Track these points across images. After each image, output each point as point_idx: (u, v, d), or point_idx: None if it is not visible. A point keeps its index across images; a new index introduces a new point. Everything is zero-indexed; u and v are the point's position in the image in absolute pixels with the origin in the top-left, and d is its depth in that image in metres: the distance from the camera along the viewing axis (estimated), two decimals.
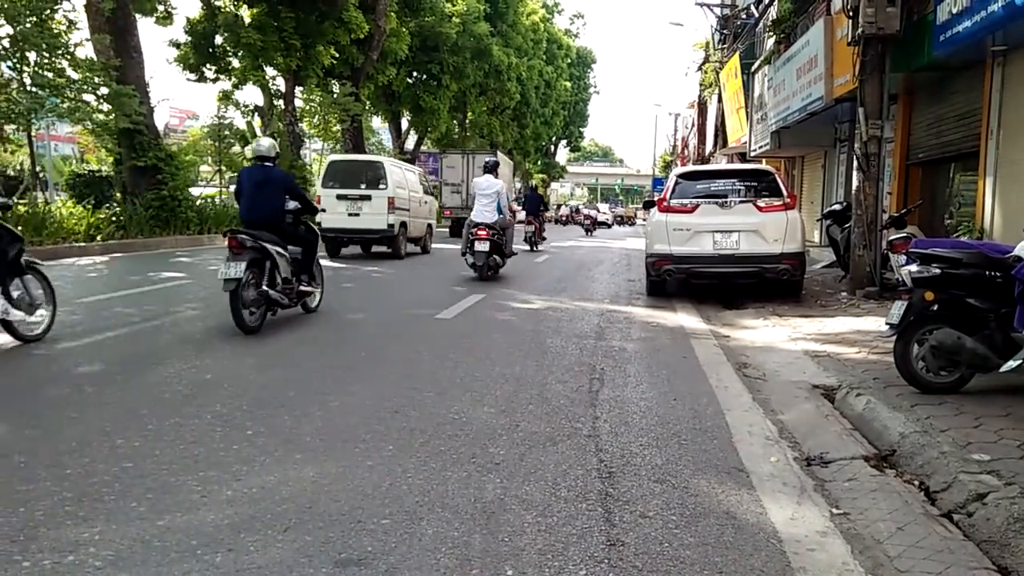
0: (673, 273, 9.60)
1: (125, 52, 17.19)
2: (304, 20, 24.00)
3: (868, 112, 9.45)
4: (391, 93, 35.71)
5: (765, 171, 10.50)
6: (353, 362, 5.77)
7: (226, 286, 6.39)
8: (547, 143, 64.17)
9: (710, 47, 31.17)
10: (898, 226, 9.04)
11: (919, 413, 4.20)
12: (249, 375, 5.23)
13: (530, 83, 46.38)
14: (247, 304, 6.60)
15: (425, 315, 8.10)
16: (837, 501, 3.31)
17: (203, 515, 2.96)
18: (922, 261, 4.64)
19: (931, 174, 11.78)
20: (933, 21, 9.00)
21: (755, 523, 3.05)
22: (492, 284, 11.21)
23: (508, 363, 5.85)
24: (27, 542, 2.70)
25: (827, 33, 12.38)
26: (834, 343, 6.63)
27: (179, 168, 18.75)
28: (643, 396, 4.98)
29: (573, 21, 65.23)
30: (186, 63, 25.42)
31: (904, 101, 12.06)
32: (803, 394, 5.06)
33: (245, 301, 6.55)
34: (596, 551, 2.76)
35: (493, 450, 3.80)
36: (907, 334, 4.67)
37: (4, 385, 4.75)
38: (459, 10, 34.36)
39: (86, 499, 3.07)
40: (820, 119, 15.11)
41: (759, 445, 4.03)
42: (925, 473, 3.46)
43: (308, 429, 4.06)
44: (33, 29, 14.11)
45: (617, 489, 3.35)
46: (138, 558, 2.62)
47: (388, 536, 2.82)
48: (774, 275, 9.17)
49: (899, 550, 2.79)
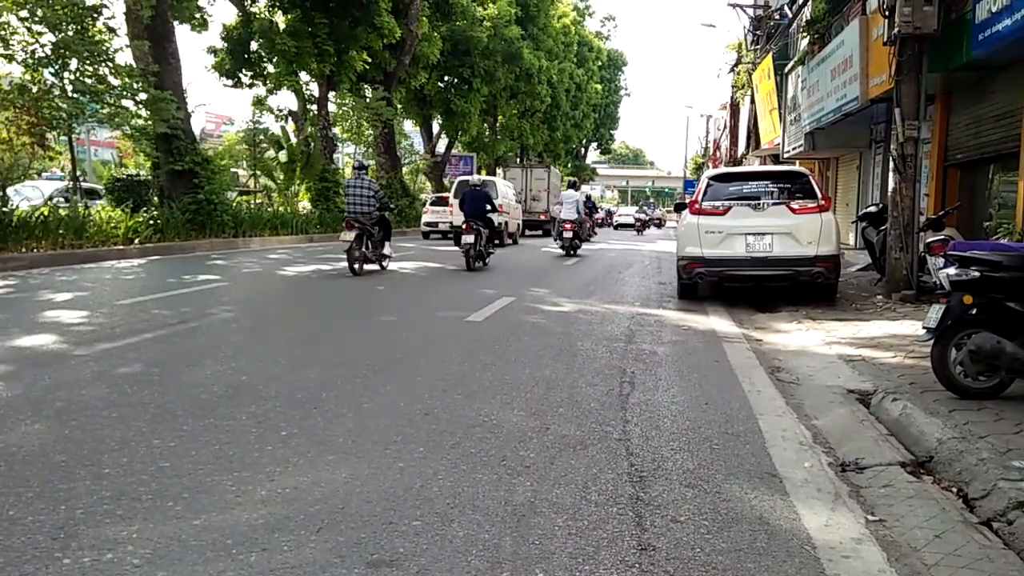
0: (705, 276, 9.52)
1: (163, 58, 17.53)
2: (337, 26, 24.27)
3: (904, 113, 9.30)
4: (423, 97, 35.95)
5: (798, 172, 10.39)
6: (384, 364, 5.82)
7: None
8: (577, 146, 64.09)
9: (743, 48, 30.90)
10: (936, 228, 8.88)
11: (957, 419, 4.12)
12: (283, 376, 5.30)
13: (561, 86, 46.37)
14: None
15: (455, 318, 8.14)
16: (873, 508, 3.27)
17: (238, 515, 3.01)
18: (960, 264, 4.56)
19: (970, 175, 11.56)
20: (972, 20, 8.85)
21: (788, 529, 3.01)
22: (522, 287, 11.22)
23: (538, 366, 5.85)
24: (67, 539, 2.76)
25: (862, 33, 12.22)
26: (869, 347, 6.53)
27: (215, 172, 19.07)
28: (674, 400, 4.96)
29: (604, 23, 65.16)
30: (222, 69, 25.85)
31: (941, 101, 11.86)
32: (838, 399, 4.99)
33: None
34: (627, 555, 2.75)
35: (523, 453, 3.81)
36: (945, 338, 4.58)
37: (45, 386, 4.87)
38: (490, 14, 34.49)
39: (124, 498, 3.13)
40: (855, 120, 14.93)
41: (792, 450, 3.99)
42: (963, 480, 3.40)
43: (340, 430, 4.10)
44: (75, 37, 14.43)
45: (648, 493, 3.33)
46: (175, 556, 2.66)
47: (419, 538, 2.84)
48: (808, 278, 9.06)
49: (936, 558, 2.75)
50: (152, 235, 15.95)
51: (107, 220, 15.55)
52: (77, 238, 14.08)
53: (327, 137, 26.70)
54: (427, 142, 40.72)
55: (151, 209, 17.27)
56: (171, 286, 10.38)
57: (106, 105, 15.76)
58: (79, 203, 15.61)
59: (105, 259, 13.77)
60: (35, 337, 6.46)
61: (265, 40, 24.39)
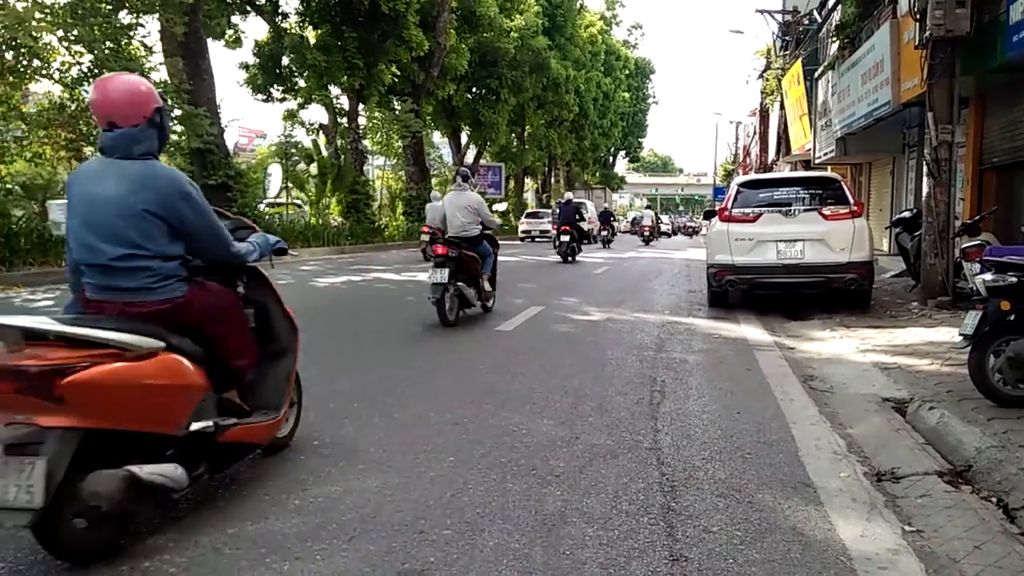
0: (735, 284, 9.44)
1: (197, 75, 17.86)
2: (367, 40, 24.53)
3: (938, 116, 9.16)
4: (451, 108, 36.17)
5: (830, 178, 10.27)
6: (414, 374, 5.85)
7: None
8: (605, 154, 64.01)
9: (771, 54, 30.69)
10: (971, 233, 8.72)
11: (996, 427, 4.04)
12: (314, 386, 5.33)
13: (588, 95, 46.36)
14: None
15: (485, 327, 8.16)
16: (910, 518, 3.21)
17: (271, 524, 3.04)
18: (997, 269, 4.48)
19: (1006, 179, 11.34)
20: (1006, 22, 8.70)
21: (823, 540, 2.97)
22: (552, 296, 11.22)
23: (568, 375, 5.85)
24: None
25: (893, 37, 12.07)
26: (905, 355, 6.43)
27: (248, 185, 19.35)
28: (705, 409, 4.92)
29: (631, 32, 64.97)
30: (254, 84, 26.27)
31: (976, 104, 11.67)
32: (873, 407, 4.91)
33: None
34: (659, 566, 2.73)
35: (553, 462, 3.80)
36: (982, 345, 4.50)
37: None
38: (518, 25, 34.64)
39: (161, 507, 3.18)
40: (887, 125, 14.73)
41: (827, 459, 3.94)
42: (1003, 490, 3.33)
43: (371, 440, 4.13)
44: (111, 55, 14.76)
45: (680, 503, 3.31)
46: (210, 565, 2.70)
47: (450, 547, 2.85)
48: (841, 285, 8.94)
49: (976, 569, 2.69)
50: None
51: None
52: None
53: (357, 150, 26.97)
54: (455, 153, 40.94)
55: None
56: None
57: None
58: None
59: None
60: None
61: (296, 55, 24.76)
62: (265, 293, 3.85)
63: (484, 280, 8.90)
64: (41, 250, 13.04)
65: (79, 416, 2.57)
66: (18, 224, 13.19)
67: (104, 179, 3.01)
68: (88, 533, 2.63)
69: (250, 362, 3.51)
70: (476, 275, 8.66)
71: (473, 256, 8.57)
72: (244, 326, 3.52)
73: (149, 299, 3.03)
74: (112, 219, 2.96)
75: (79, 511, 2.58)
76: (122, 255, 2.96)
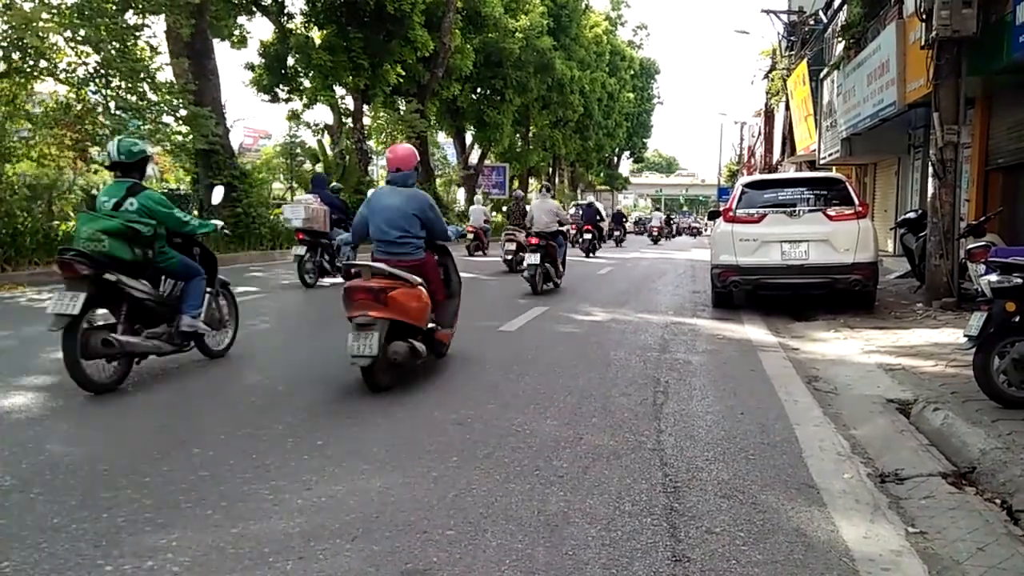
0: (739, 284, 9.43)
1: (203, 75, 17.89)
2: (372, 40, 24.55)
3: (943, 117, 9.14)
4: (455, 108, 36.18)
5: (835, 179, 10.25)
6: (417, 374, 5.85)
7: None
8: (610, 154, 63.93)
9: (777, 54, 30.62)
10: (977, 234, 8.69)
11: (1001, 429, 4.03)
12: (319, 386, 5.36)
13: (593, 95, 46.34)
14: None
15: (488, 327, 8.16)
16: (913, 519, 3.20)
17: (275, 523, 3.05)
18: (1003, 271, 4.47)
19: (1012, 180, 11.29)
20: (1012, 22, 8.67)
21: (826, 541, 2.97)
22: (555, 297, 11.23)
23: (571, 375, 5.85)
24: (109, 547, 2.82)
25: (899, 37, 12.04)
26: (909, 356, 6.41)
27: (253, 186, 19.36)
28: (709, 410, 4.91)
29: (636, 32, 64.79)
30: (260, 84, 26.29)
31: (982, 105, 11.63)
32: (877, 408, 4.90)
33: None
34: (661, 567, 2.73)
35: (557, 463, 3.81)
36: (987, 346, 4.49)
37: (89, 396, 4.98)
38: (522, 25, 34.61)
39: (165, 507, 3.19)
40: (893, 125, 14.70)
41: (830, 461, 3.93)
42: (1008, 491, 3.32)
43: (374, 440, 4.14)
44: (117, 55, 14.79)
45: (683, 504, 3.31)
46: (213, 564, 2.71)
47: (453, 547, 2.86)
48: (845, 286, 8.93)
49: (980, 571, 2.69)
50: None
51: None
52: None
53: (362, 150, 26.98)
54: (460, 153, 40.95)
55: None
56: None
57: (147, 121, 16.09)
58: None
59: None
60: None
61: (301, 55, 24.77)
62: (449, 260, 6.34)
63: (559, 263, 12.29)
64: (47, 250, 13.05)
65: (391, 312, 5.07)
66: (23, 224, 13.21)
67: (392, 197, 5.68)
68: (388, 374, 5.21)
69: (440, 297, 5.98)
70: (555, 259, 12.05)
71: (553, 245, 11.98)
72: (439, 277, 6.03)
73: (409, 259, 5.57)
74: (396, 217, 5.59)
75: (387, 362, 5.13)
76: (398, 236, 5.58)
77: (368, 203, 5.79)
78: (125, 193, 5.34)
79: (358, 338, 4.91)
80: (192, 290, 5.73)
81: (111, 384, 5.09)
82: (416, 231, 5.61)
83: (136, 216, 5.27)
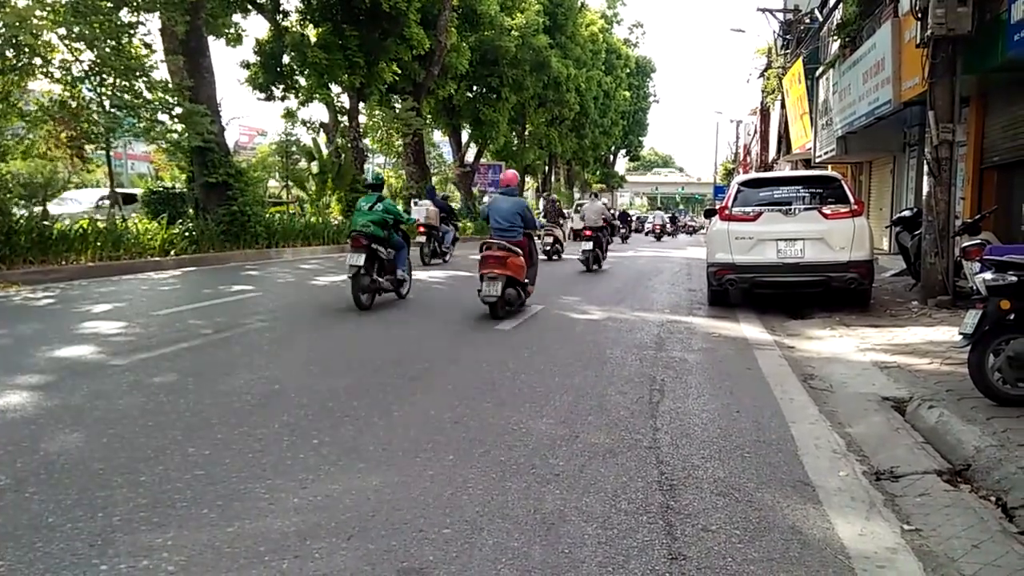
0: (735, 283, 9.44)
1: (197, 73, 17.81)
2: (367, 38, 24.48)
3: (939, 115, 9.16)
4: (451, 107, 36.12)
5: (830, 177, 10.27)
6: (414, 373, 5.85)
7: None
8: (606, 153, 63.94)
9: (772, 53, 30.67)
10: (972, 232, 8.72)
11: (995, 426, 4.04)
12: (315, 385, 5.36)
13: (589, 94, 46.30)
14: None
15: (485, 326, 8.16)
16: (908, 517, 3.21)
17: (270, 522, 3.05)
18: (997, 268, 4.48)
19: (1007, 178, 11.34)
20: (1007, 20, 8.70)
21: (822, 538, 2.98)
22: (552, 295, 11.22)
23: (567, 374, 5.85)
24: (104, 547, 2.82)
25: (894, 35, 12.07)
26: (904, 354, 6.43)
27: (248, 184, 19.28)
28: (705, 408, 4.92)
29: (632, 31, 64.81)
30: (255, 82, 26.20)
31: (977, 103, 11.66)
32: (872, 406, 4.92)
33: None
34: (657, 565, 2.73)
35: (553, 461, 3.81)
36: (982, 344, 4.50)
37: (84, 395, 4.97)
38: (518, 24, 34.57)
39: (160, 505, 3.19)
40: (888, 124, 14.73)
41: (826, 458, 3.94)
42: (1002, 489, 3.34)
43: (371, 439, 4.14)
44: (111, 53, 14.73)
45: (679, 502, 3.31)
46: (209, 563, 2.71)
47: (449, 546, 2.86)
48: (841, 284, 8.95)
49: (974, 568, 2.70)
50: (187, 247, 16.18)
51: (143, 232, 15.82)
52: (115, 250, 14.31)
53: (358, 148, 26.91)
54: (456, 151, 40.89)
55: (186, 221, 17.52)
56: (206, 296, 10.54)
57: (142, 119, 16.04)
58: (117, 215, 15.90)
59: (142, 270, 14.02)
60: (74, 348, 6.61)
61: (297, 53, 24.69)
62: (533, 243, 9.59)
63: (605, 250, 17.42)
64: (41, 248, 13.02)
65: (507, 271, 8.44)
66: (18, 222, 13.16)
67: (505, 202, 9.25)
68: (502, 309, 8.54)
69: (528, 265, 9.14)
70: (603, 246, 17.28)
71: (600, 237, 16.78)
72: (528, 252, 9.19)
73: (515, 239, 8.88)
74: (507, 214, 9.04)
75: (504, 301, 8.50)
76: (508, 226, 8.98)
77: (490, 205, 9.41)
78: (375, 200, 9.71)
79: (489, 286, 8.28)
80: (401, 255, 9.84)
81: (368, 306, 9.08)
82: (518, 223, 9.02)
83: (382, 213, 9.55)
